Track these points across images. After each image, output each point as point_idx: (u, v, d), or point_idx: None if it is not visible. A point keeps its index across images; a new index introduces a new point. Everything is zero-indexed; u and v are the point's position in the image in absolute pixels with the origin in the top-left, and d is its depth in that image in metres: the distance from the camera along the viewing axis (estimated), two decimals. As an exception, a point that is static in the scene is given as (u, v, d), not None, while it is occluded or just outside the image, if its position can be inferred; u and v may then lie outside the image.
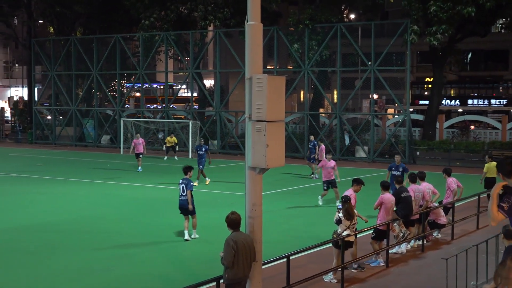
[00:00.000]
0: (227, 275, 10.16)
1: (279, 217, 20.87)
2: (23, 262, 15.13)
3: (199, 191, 26.29)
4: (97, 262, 15.14)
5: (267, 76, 9.91)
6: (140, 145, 33.43)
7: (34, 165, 36.88)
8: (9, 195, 25.38)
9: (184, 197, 17.14)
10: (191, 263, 15.30)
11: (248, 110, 10.10)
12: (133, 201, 24.14)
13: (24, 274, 14.16)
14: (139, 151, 33.32)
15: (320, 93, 45.35)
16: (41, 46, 55.38)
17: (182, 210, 17.31)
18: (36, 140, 54.50)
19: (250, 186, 10.33)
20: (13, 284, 13.44)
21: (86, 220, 20.41)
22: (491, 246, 13.11)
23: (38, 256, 15.73)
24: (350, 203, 14.11)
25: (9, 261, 15.25)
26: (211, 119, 46.95)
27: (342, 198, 14.44)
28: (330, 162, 23.35)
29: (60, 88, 53.51)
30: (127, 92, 58.51)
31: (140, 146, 33.41)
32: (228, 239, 10.15)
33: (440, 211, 17.64)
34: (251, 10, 10.23)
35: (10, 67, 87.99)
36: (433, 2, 36.90)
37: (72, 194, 25.77)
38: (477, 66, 65.77)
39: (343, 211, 13.89)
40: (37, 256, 15.73)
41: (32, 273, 14.21)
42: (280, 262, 12.81)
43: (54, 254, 15.93)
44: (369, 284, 13.73)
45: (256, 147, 9.97)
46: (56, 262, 15.15)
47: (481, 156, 38.60)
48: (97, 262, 15.18)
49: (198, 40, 48.68)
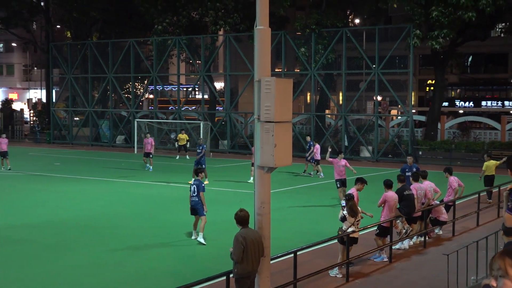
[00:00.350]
0: (236, 270, 10.16)
1: (286, 214, 20.85)
2: (40, 257, 15.17)
3: (209, 189, 26.33)
4: (111, 257, 15.16)
5: (275, 79, 9.90)
6: (149, 145, 33.34)
7: (52, 164, 36.99)
8: (27, 193, 25.47)
9: (195, 197, 16.82)
10: (201, 258, 15.29)
11: (257, 111, 10.09)
12: (146, 199, 24.18)
13: (41, 268, 14.20)
14: (148, 151, 33.30)
15: (326, 95, 45.33)
16: (59, 50, 55.57)
17: (193, 210, 16.97)
18: (54, 140, 54.66)
19: (258, 185, 10.32)
20: (30, 277, 13.49)
21: (101, 217, 20.45)
22: (490, 243, 13.06)
23: (55, 251, 15.77)
24: (354, 201, 14.09)
25: (27, 255, 15.29)
26: (222, 120, 46.98)
27: (346, 196, 14.44)
28: (341, 161, 22.97)
29: (76, 90, 53.67)
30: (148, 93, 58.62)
31: (149, 145, 33.33)
32: (238, 235, 10.15)
33: (442, 208, 17.59)
34: (260, 15, 10.22)
35: (29, 70, 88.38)
36: (435, 8, 36.84)
37: (88, 192, 25.83)
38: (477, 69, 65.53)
39: (347, 209, 13.88)
40: (54, 251, 15.77)
41: (49, 267, 14.24)
42: (287, 257, 12.80)
43: (70, 249, 15.96)
44: (373, 279, 13.70)
45: (265, 147, 9.95)
46: (72, 257, 15.17)
47: (481, 155, 38.47)
48: (111, 257, 15.21)
49: (209, 44, 48.73)
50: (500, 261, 3.48)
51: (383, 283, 13.45)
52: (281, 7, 42.40)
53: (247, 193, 24.19)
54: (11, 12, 57.88)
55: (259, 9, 10.23)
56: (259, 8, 10.23)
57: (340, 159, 23.08)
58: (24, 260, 14.87)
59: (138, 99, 54.27)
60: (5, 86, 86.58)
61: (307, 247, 13.59)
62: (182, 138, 40.35)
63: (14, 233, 17.91)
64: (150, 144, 33.33)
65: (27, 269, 14.11)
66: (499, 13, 40.04)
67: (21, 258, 15.05)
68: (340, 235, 13.78)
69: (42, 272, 13.89)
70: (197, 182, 17.00)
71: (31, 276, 13.60)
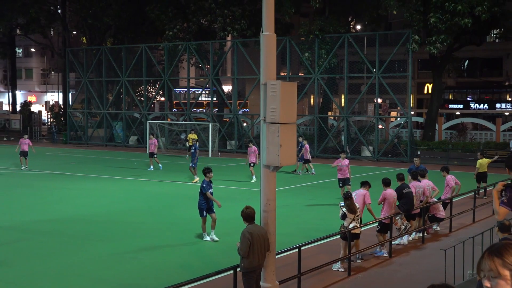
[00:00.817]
0: (243, 264, 10.18)
1: (291, 211, 20.85)
2: (58, 250, 15.25)
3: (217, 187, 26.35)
4: (126, 251, 15.21)
5: (280, 82, 9.92)
6: (152, 145, 33.32)
7: (68, 163, 37.07)
8: (45, 191, 25.56)
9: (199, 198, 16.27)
10: (210, 252, 15.32)
11: (263, 113, 10.11)
12: (158, 197, 24.22)
13: (59, 261, 14.27)
14: (151, 151, 33.30)
15: (328, 98, 45.27)
16: (75, 55, 55.67)
17: (199, 210, 16.34)
18: (70, 140, 54.77)
19: (264, 183, 10.34)
20: (53, 269, 13.58)
21: (116, 214, 20.51)
22: (486, 238, 13.05)
23: (72, 245, 15.83)
24: (352, 199, 14.07)
25: (45, 249, 15.36)
26: (229, 122, 47.00)
27: (344, 195, 14.43)
28: (344, 161, 22.87)
29: (92, 93, 53.75)
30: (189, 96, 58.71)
31: (152, 146, 33.31)
32: (244, 231, 10.17)
33: (439, 206, 17.56)
34: (266, 21, 10.24)
35: (47, 74, 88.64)
36: (432, 14, 36.79)
37: (102, 190, 25.90)
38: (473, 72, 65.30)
39: (346, 207, 13.92)
40: (71, 245, 15.83)
41: (66, 260, 14.30)
42: (292, 252, 12.81)
43: (86, 244, 16.02)
44: (373, 273, 13.70)
45: (270, 147, 9.97)
46: (88, 251, 15.23)
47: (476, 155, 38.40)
48: (125, 251, 15.26)
49: (217, 49, 48.78)
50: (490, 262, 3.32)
51: (384, 276, 13.45)
52: (286, 14, 42.39)
53: (253, 191, 24.20)
54: (29, 19, 58.04)
55: (265, 16, 10.25)
56: (265, 15, 10.25)
57: (343, 159, 23.00)
58: (47, 253, 15.00)
59: (150, 101, 54.32)
60: (24, 89, 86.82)
61: (310, 242, 13.59)
62: (191, 137, 40.28)
63: (37, 228, 18.01)
64: (153, 144, 33.31)
65: (50, 262, 14.23)
66: (494, 20, 39.94)
67: (44, 251, 15.19)
68: (342, 231, 13.79)
69: (63, 265, 13.97)
70: (203, 184, 16.29)
71: (54, 268, 13.72)
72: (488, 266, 3.29)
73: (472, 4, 35.97)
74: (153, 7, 47.98)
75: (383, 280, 13.24)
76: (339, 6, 44.47)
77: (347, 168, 22.64)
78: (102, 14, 52.70)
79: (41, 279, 13.00)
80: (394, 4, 38.93)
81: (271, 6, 10.31)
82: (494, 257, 3.30)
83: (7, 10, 55.96)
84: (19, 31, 65.62)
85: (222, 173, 30.57)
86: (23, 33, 63.87)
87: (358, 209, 14.12)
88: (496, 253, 3.32)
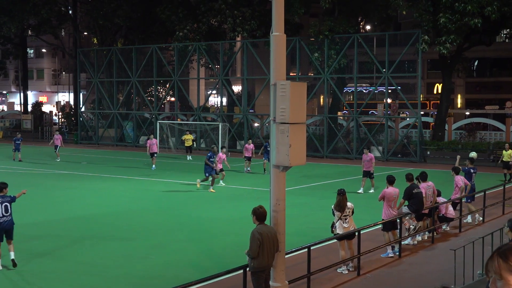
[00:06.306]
0: (252, 264, 10.16)
1: (300, 211, 20.82)
2: (68, 249, 15.28)
3: (228, 187, 26.36)
4: (136, 250, 15.24)
5: (290, 82, 9.91)
6: (154, 145, 33.47)
7: (79, 163, 37.19)
8: (56, 190, 25.64)
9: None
10: (220, 252, 15.32)
11: (273, 113, 10.10)
12: (168, 196, 24.26)
13: (69, 259, 14.31)
14: (153, 151, 33.39)
15: (338, 98, 45.20)
16: (86, 55, 55.87)
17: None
18: (81, 140, 54.94)
19: (274, 183, 10.32)
20: (65, 268, 13.62)
21: (126, 213, 20.55)
22: (496, 238, 12.96)
23: (82, 244, 15.87)
24: (344, 196, 13.86)
25: (56, 248, 15.40)
26: (239, 122, 47.01)
27: (338, 190, 14.17)
28: (367, 155, 25.52)
29: (102, 93, 53.94)
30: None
31: (154, 146, 33.46)
32: (254, 231, 10.14)
33: (449, 206, 17.49)
34: (276, 22, 10.23)
35: (58, 75, 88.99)
36: (442, 14, 36.64)
37: (113, 189, 25.97)
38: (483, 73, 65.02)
39: (335, 203, 13.77)
40: (81, 244, 15.87)
41: (77, 259, 14.34)
42: (301, 252, 12.79)
43: (97, 243, 16.07)
44: (383, 273, 13.65)
45: (280, 147, 9.96)
46: (98, 250, 15.28)
47: (486, 155, 38.24)
48: (136, 250, 15.29)
49: (227, 50, 48.81)
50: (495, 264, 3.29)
51: (393, 276, 13.41)
52: (295, 14, 42.37)
53: (263, 190, 24.17)
54: (41, 20, 58.33)
55: (275, 16, 10.24)
56: (275, 16, 10.24)
57: (367, 154, 25.74)
58: (57, 252, 15.03)
59: (160, 101, 54.44)
60: (35, 90, 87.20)
61: (320, 242, 13.54)
62: (186, 138, 40.33)
63: (48, 227, 18.09)
64: (155, 144, 33.55)
65: (60, 261, 14.26)
66: (504, 20, 39.72)
67: (55, 251, 15.21)
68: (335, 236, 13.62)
69: (74, 264, 14.01)
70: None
71: (64, 267, 13.75)
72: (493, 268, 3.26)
73: (482, 4, 35.80)
74: (163, 8, 48.05)
75: (392, 280, 13.20)
76: (348, 7, 44.36)
77: (368, 163, 25.20)
78: (113, 15, 52.86)
79: (51, 278, 13.04)
80: (403, 5, 38.81)
81: (281, 6, 10.29)
82: (500, 259, 3.27)
83: (18, 11, 56.21)
84: (31, 32, 65.92)
85: (232, 173, 30.56)
86: (35, 34, 64.22)
87: (348, 209, 13.87)
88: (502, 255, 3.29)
